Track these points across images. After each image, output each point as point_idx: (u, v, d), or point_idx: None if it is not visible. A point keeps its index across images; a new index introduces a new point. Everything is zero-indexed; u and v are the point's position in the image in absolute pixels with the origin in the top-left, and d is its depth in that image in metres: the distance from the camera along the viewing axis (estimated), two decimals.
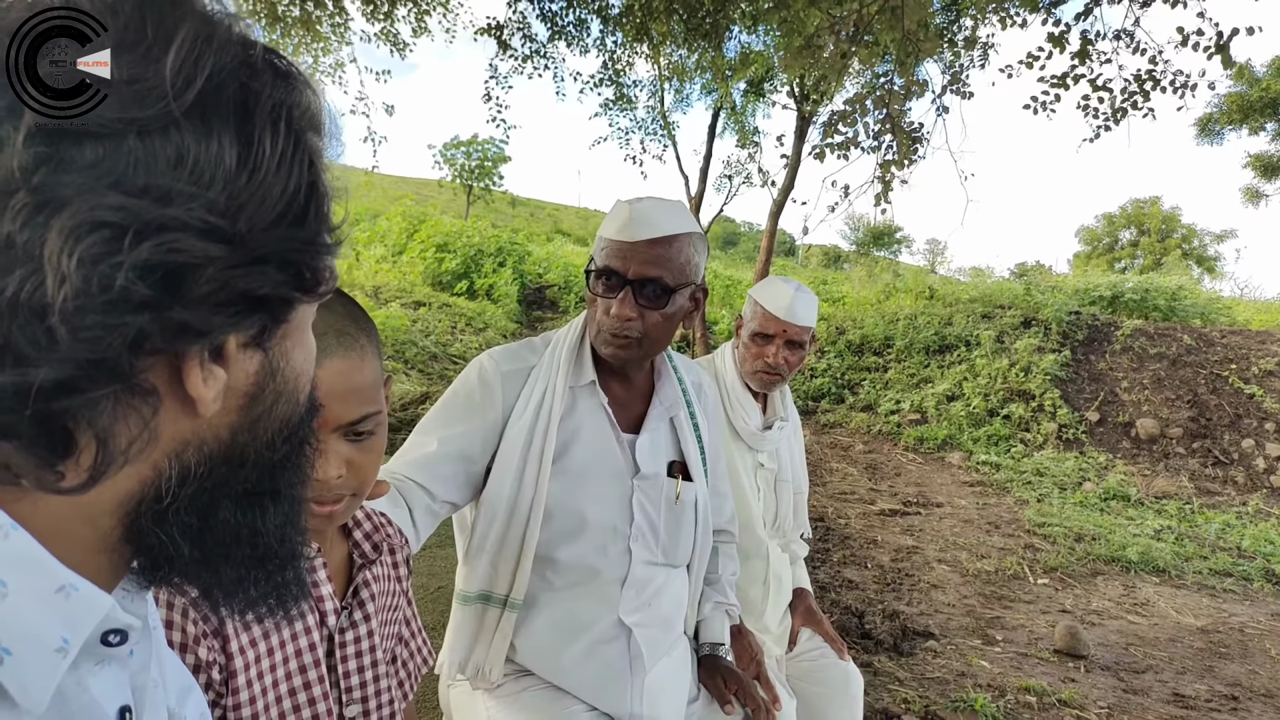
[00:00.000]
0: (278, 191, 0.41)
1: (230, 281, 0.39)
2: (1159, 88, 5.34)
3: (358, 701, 0.96)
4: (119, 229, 0.35)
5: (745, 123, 14.57)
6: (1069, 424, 8.19)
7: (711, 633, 1.62)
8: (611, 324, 1.38)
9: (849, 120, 5.15)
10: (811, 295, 2.05)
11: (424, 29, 8.68)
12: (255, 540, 0.49)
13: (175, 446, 0.43)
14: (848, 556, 4.80)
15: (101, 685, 0.44)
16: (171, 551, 0.44)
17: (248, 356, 0.44)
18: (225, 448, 0.45)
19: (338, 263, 0.47)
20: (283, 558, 0.51)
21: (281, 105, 0.41)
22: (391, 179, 40.69)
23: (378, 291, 11.36)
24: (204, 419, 0.43)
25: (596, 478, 1.43)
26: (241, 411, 0.45)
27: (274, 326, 0.44)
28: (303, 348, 0.50)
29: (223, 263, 0.38)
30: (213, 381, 0.41)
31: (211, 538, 0.46)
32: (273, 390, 0.47)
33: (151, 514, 0.43)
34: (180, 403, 0.41)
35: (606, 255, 1.38)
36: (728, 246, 40.52)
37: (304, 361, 0.50)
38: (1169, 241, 29.86)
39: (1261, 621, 4.16)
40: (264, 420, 0.47)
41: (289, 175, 0.41)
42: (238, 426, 0.45)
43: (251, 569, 0.50)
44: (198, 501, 0.45)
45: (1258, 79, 15.72)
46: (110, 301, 0.35)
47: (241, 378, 0.44)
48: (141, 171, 0.36)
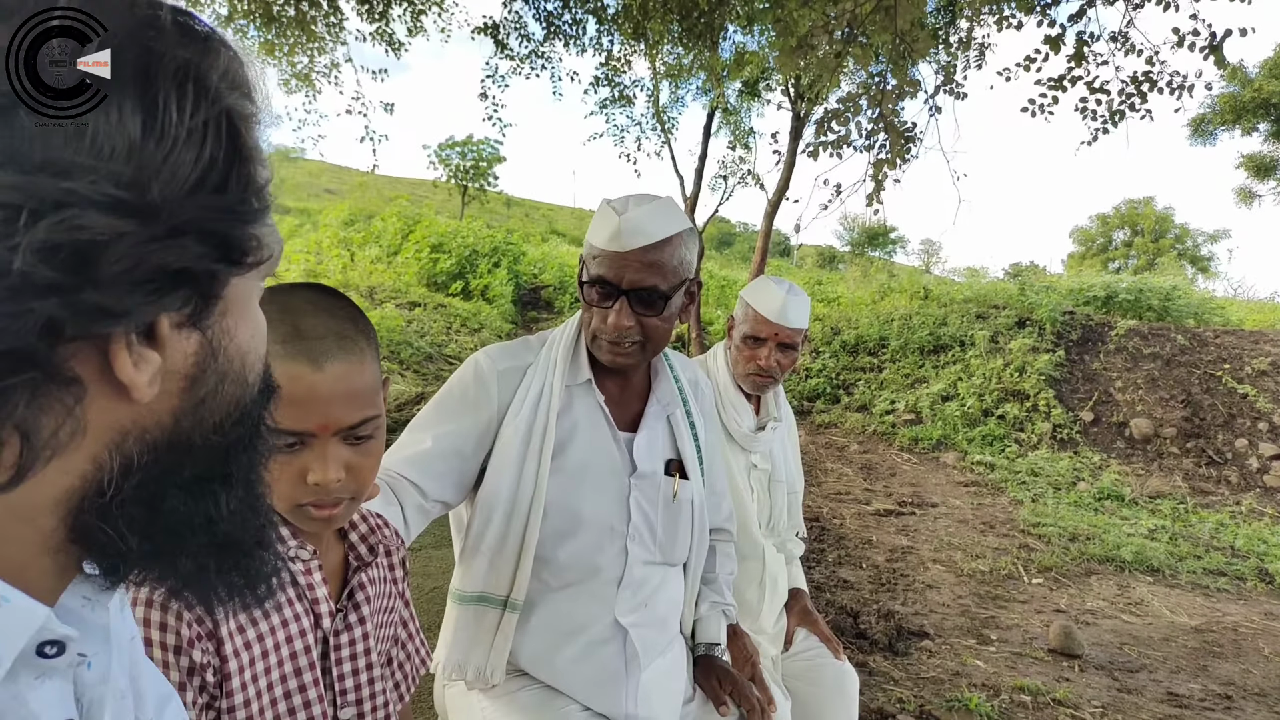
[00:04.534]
0: (191, 158, 0.38)
1: (145, 257, 0.37)
2: (1156, 89, 5.35)
3: (352, 704, 0.96)
4: (12, 209, 0.33)
5: (740, 122, 14.58)
6: (1063, 424, 8.22)
7: (707, 633, 1.62)
8: (609, 333, 1.37)
9: (842, 119, 5.16)
10: (804, 296, 2.04)
11: (420, 28, 8.66)
12: (211, 528, 0.46)
13: (114, 436, 0.41)
14: (843, 556, 4.81)
15: (42, 699, 0.42)
16: (121, 546, 0.42)
17: (184, 337, 0.41)
18: (169, 434, 0.43)
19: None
20: (246, 544, 0.49)
21: (190, 66, 0.39)
22: (386, 179, 40.64)
23: (373, 292, 11.34)
24: (141, 405, 0.40)
25: (593, 476, 1.42)
26: (183, 395, 0.43)
27: (208, 304, 0.42)
28: (248, 324, 0.47)
29: (134, 238, 0.36)
30: (145, 365, 0.39)
31: (162, 529, 0.44)
32: (215, 371, 0.44)
33: (95, 509, 0.41)
34: (113, 389, 0.39)
35: (598, 265, 1.36)
36: (723, 247, 40.52)
37: (250, 339, 0.47)
38: (1163, 242, 29.99)
39: (1255, 621, 4.17)
40: (209, 403, 0.45)
41: (203, 141, 0.39)
42: (180, 411, 0.43)
43: (211, 558, 0.47)
44: (143, 492, 0.42)
45: (1250, 80, 15.78)
46: (10, 287, 0.33)
47: (179, 359, 0.42)
48: (36, 146, 0.34)
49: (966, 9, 6.68)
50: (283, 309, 0.85)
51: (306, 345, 0.83)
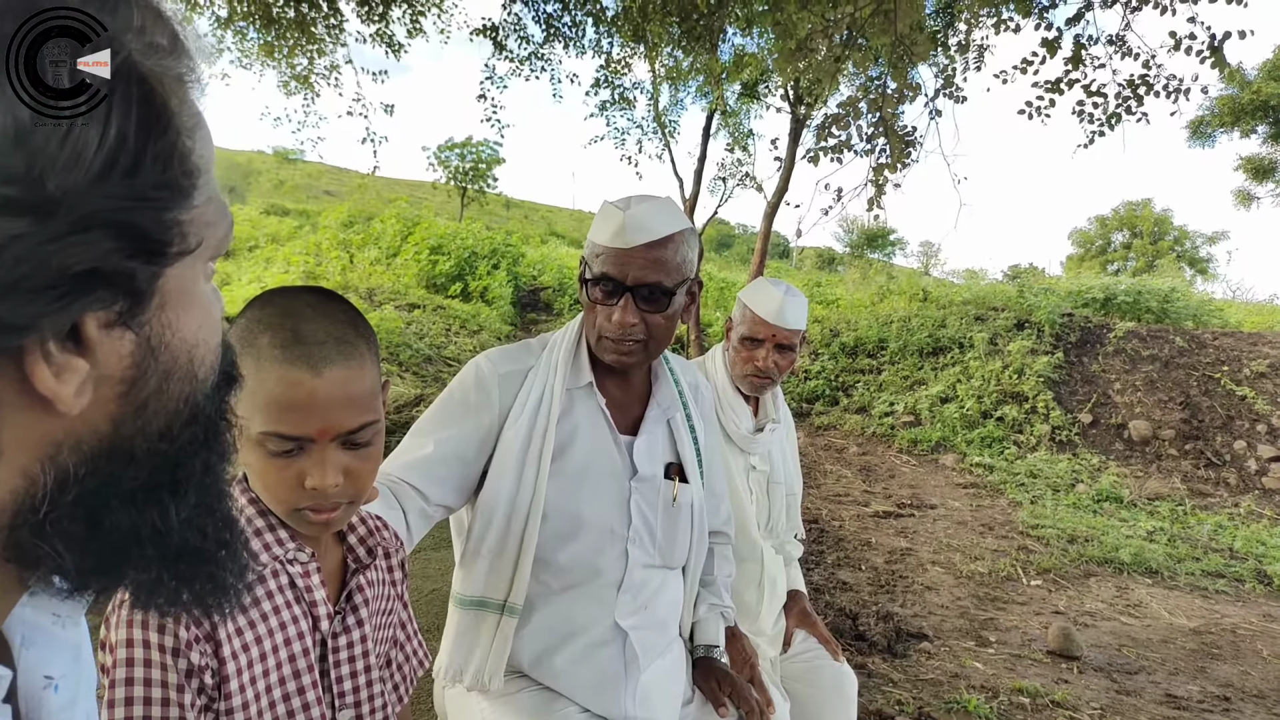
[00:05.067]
0: (95, 137, 0.33)
1: (45, 260, 0.32)
2: (1153, 92, 5.36)
3: (351, 706, 0.96)
4: None
5: (740, 125, 14.59)
6: (1062, 426, 8.22)
7: (706, 635, 1.62)
8: (614, 331, 1.37)
9: (842, 123, 5.17)
10: (801, 297, 2.05)
11: (419, 30, 8.67)
12: (160, 540, 0.42)
13: (46, 450, 0.37)
14: (842, 558, 4.81)
15: None
16: (60, 564, 0.39)
17: (115, 338, 0.36)
18: (108, 442, 0.39)
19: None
20: (205, 552, 0.45)
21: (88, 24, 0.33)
22: (385, 181, 40.66)
23: (372, 294, 11.35)
24: (73, 415, 0.36)
25: (594, 480, 1.43)
26: (121, 400, 0.38)
27: (140, 299, 0.37)
28: (193, 314, 0.42)
29: (30, 239, 0.31)
30: (69, 375, 0.35)
31: (104, 544, 0.40)
32: (157, 371, 0.39)
33: (28, 526, 0.37)
34: (37, 403, 0.35)
35: (603, 263, 1.37)
36: (722, 249, 40.54)
37: (198, 330, 0.42)
38: (1161, 244, 29.99)
39: (1253, 622, 4.18)
40: (153, 405, 0.40)
41: (108, 116, 0.33)
42: (120, 416, 0.39)
43: (164, 569, 0.43)
44: (81, 507, 0.38)
45: (1249, 82, 15.81)
46: None
47: (113, 363, 0.37)
48: None
49: (965, 12, 6.70)
50: (282, 313, 0.85)
51: (306, 350, 0.83)
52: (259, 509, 0.91)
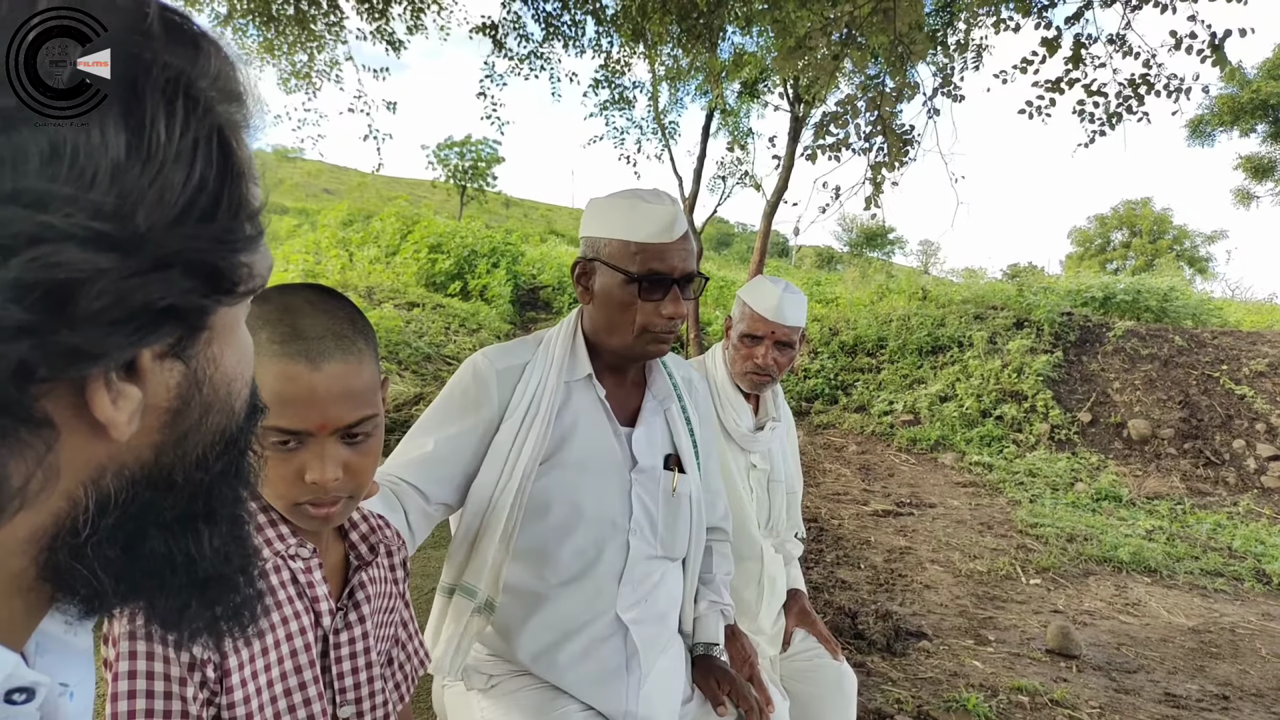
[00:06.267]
0: (179, 182, 0.34)
1: (127, 295, 0.33)
2: (1153, 91, 5.36)
3: (352, 702, 0.96)
4: None
5: (739, 124, 14.57)
6: (1061, 425, 8.23)
7: (706, 633, 1.62)
8: (665, 324, 1.41)
9: (840, 122, 5.16)
10: (800, 295, 2.05)
11: (420, 27, 8.66)
12: (191, 568, 0.43)
13: (91, 473, 0.38)
14: (841, 557, 4.81)
15: None
16: (96, 587, 0.39)
17: (166, 369, 0.38)
18: (149, 470, 0.40)
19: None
20: (228, 578, 0.46)
21: (181, 76, 0.35)
22: (385, 179, 40.62)
23: (371, 292, 11.34)
24: (120, 442, 0.37)
25: (595, 471, 1.43)
26: (165, 429, 0.40)
27: (194, 334, 0.39)
28: (234, 349, 0.44)
29: (115, 274, 0.32)
30: (124, 403, 0.36)
31: (139, 570, 0.41)
32: (200, 403, 0.41)
33: (68, 548, 0.38)
34: (90, 427, 0.36)
35: (647, 259, 1.38)
36: (721, 248, 40.54)
37: (237, 364, 0.44)
38: (1160, 243, 30.01)
39: (1252, 621, 4.18)
40: (193, 435, 0.42)
41: (192, 161, 0.35)
42: (162, 445, 0.40)
43: (192, 597, 0.45)
44: (120, 532, 0.39)
45: (1248, 81, 15.81)
46: None
47: (162, 393, 0.38)
48: (7, 173, 0.30)
49: (964, 11, 6.70)
50: (281, 309, 0.85)
51: (305, 345, 0.84)
52: (260, 504, 0.91)
